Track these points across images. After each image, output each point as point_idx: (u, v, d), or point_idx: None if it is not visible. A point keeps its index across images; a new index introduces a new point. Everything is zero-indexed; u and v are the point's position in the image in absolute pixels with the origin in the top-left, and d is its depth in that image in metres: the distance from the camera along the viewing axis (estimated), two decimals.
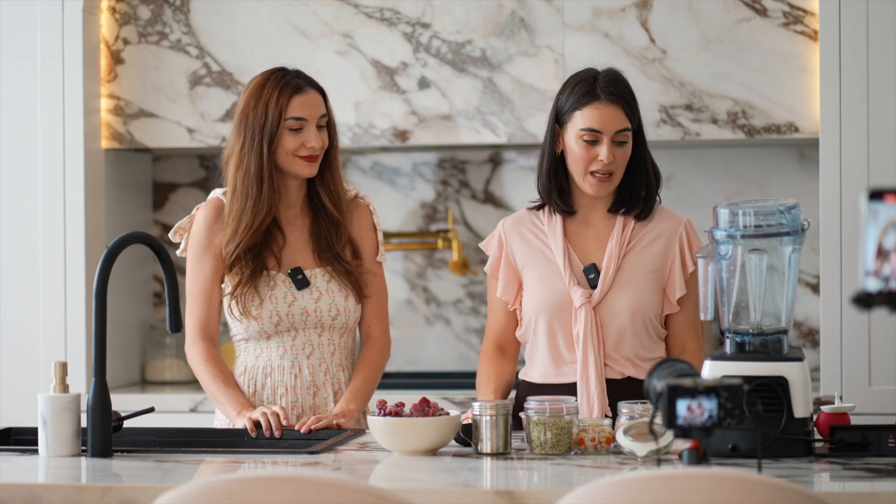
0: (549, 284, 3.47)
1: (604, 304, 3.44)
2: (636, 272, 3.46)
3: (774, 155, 4.96)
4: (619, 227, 3.48)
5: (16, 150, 4.76)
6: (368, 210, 3.65)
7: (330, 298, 3.54)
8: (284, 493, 2.30)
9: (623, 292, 3.44)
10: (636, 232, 3.49)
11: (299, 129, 3.50)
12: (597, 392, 3.39)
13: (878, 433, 2.97)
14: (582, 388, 3.42)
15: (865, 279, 2.35)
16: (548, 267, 3.49)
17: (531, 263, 3.51)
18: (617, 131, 3.41)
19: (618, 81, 3.44)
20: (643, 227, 3.50)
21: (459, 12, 4.73)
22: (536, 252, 3.51)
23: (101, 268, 3.13)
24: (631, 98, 3.45)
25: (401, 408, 3.06)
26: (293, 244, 3.58)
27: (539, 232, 3.53)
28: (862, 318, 4.39)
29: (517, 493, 2.61)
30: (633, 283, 3.44)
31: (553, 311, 3.45)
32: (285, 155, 3.50)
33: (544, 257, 3.50)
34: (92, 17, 4.81)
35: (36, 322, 4.73)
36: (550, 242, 3.50)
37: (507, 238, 3.55)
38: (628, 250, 3.48)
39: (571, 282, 3.45)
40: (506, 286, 3.54)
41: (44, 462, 3.02)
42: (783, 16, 4.58)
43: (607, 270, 3.45)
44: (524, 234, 3.54)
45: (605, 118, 3.41)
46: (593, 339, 3.41)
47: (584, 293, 3.43)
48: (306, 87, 3.53)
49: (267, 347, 3.55)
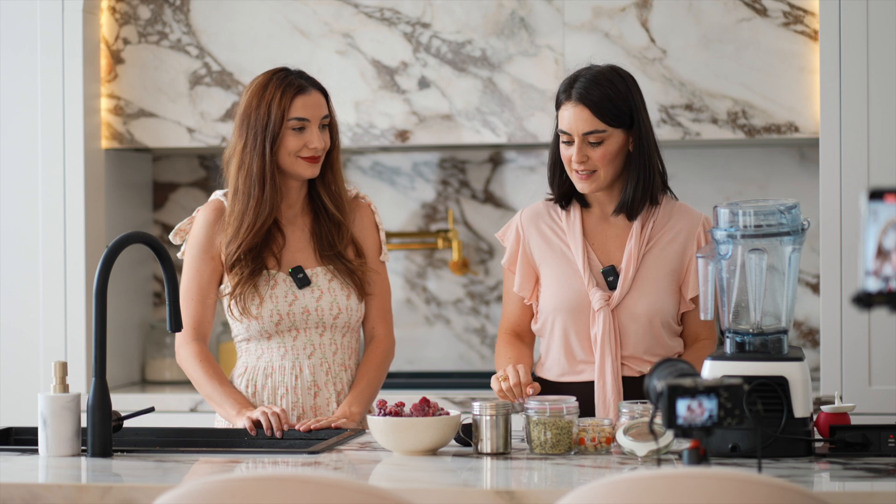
0: (568, 284, 3.44)
1: (622, 306, 3.41)
2: (655, 273, 3.42)
3: (774, 155, 4.96)
4: (638, 227, 3.44)
5: (16, 150, 4.76)
6: (370, 209, 3.65)
7: (331, 297, 3.54)
8: (284, 493, 2.30)
9: (642, 295, 3.41)
10: (655, 231, 3.45)
11: (302, 129, 3.50)
12: (613, 394, 3.38)
13: (878, 433, 2.97)
14: (599, 389, 3.40)
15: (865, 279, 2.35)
16: (567, 266, 3.46)
17: (549, 261, 3.48)
18: (584, 133, 3.37)
19: (596, 82, 3.37)
20: (662, 225, 3.46)
21: (459, 12, 4.73)
22: (555, 249, 3.48)
23: (101, 268, 3.13)
24: (605, 99, 3.36)
25: (401, 408, 3.06)
26: (294, 244, 3.57)
27: (556, 227, 3.50)
28: (862, 318, 4.39)
29: (517, 493, 2.61)
30: (651, 285, 3.42)
31: (570, 312, 3.43)
32: (288, 156, 3.50)
33: (563, 255, 3.47)
34: (92, 17, 4.81)
35: (36, 322, 4.73)
36: (569, 241, 3.47)
37: (524, 232, 3.52)
38: (647, 250, 3.44)
39: (590, 283, 3.42)
40: (523, 282, 3.51)
41: (44, 462, 3.02)
42: (783, 16, 4.58)
43: (626, 273, 3.41)
44: (542, 229, 3.51)
45: (573, 121, 3.38)
46: (611, 342, 3.40)
47: (602, 296, 3.40)
48: (309, 88, 3.52)
49: (268, 348, 3.54)
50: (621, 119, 3.38)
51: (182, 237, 3.62)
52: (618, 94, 3.38)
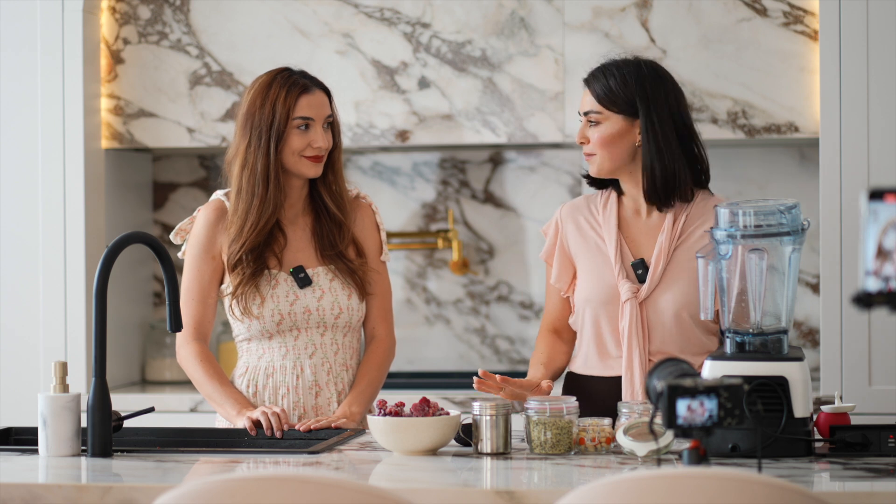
0: (600, 276, 3.45)
1: (650, 300, 3.41)
2: (685, 267, 3.41)
3: (774, 155, 4.96)
4: (670, 220, 3.45)
5: (16, 150, 4.76)
6: (371, 209, 3.65)
7: (332, 297, 3.54)
8: (284, 493, 2.30)
9: (670, 289, 3.41)
10: (687, 225, 3.45)
11: (306, 128, 3.50)
12: (641, 388, 3.38)
13: (878, 433, 2.97)
14: (626, 383, 3.40)
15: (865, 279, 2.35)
16: (600, 258, 3.47)
17: (584, 253, 3.50)
18: (584, 112, 3.46)
19: (604, 68, 3.45)
20: (694, 220, 3.45)
21: (459, 12, 4.73)
22: (590, 242, 3.49)
23: (101, 268, 3.13)
24: (604, 83, 3.42)
25: (401, 408, 3.06)
26: (295, 244, 3.57)
27: (594, 221, 3.51)
28: (862, 318, 4.39)
29: (517, 493, 2.61)
30: (681, 279, 3.41)
31: (601, 304, 3.44)
32: (292, 155, 3.50)
33: (597, 248, 3.48)
34: (92, 17, 4.81)
35: (36, 322, 4.73)
36: (604, 233, 3.48)
37: (563, 225, 3.54)
38: (679, 244, 3.44)
39: (621, 275, 3.43)
40: (559, 273, 3.53)
41: (44, 462, 3.02)
42: (783, 16, 4.58)
43: (656, 266, 3.42)
44: (579, 222, 3.52)
45: (582, 101, 3.49)
46: (638, 335, 3.40)
47: (630, 287, 3.40)
48: (313, 87, 3.53)
49: (269, 347, 3.54)
50: (619, 105, 3.41)
51: (183, 237, 3.62)
52: (622, 81, 3.42)
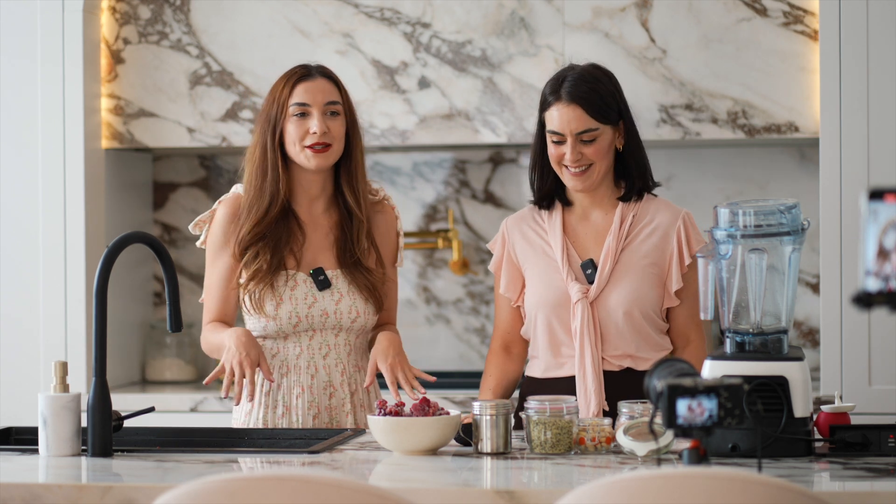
0: (549, 280, 3.48)
1: (600, 299, 3.45)
2: (634, 267, 3.47)
3: (774, 155, 4.96)
4: (617, 222, 3.49)
5: (16, 150, 4.76)
6: (394, 215, 3.62)
7: (351, 300, 3.52)
8: (284, 492, 2.30)
9: (619, 288, 3.45)
10: (634, 225, 3.50)
11: (304, 115, 3.48)
12: (594, 387, 3.41)
13: (878, 433, 2.97)
14: (580, 382, 3.43)
15: (865, 279, 2.35)
16: (547, 263, 3.50)
17: (531, 261, 3.53)
18: (578, 132, 3.42)
19: (583, 80, 3.43)
20: (641, 220, 3.51)
21: (459, 12, 4.73)
22: (537, 249, 3.53)
23: (101, 268, 3.13)
24: (597, 97, 3.42)
25: (401, 408, 3.06)
26: (315, 243, 3.55)
27: (540, 229, 3.55)
28: (862, 318, 4.39)
29: (517, 493, 2.61)
30: (630, 278, 3.45)
31: (552, 307, 3.47)
32: (293, 145, 3.47)
33: (544, 254, 3.52)
34: (92, 17, 4.81)
35: (36, 321, 4.73)
36: (550, 239, 3.52)
37: (508, 235, 3.58)
38: (626, 245, 3.49)
39: (569, 277, 3.46)
40: (508, 282, 3.56)
41: (44, 462, 3.02)
42: (783, 15, 4.58)
43: (604, 266, 3.46)
44: (525, 232, 3.56)
45: (565, 120, 3.42)
46: (590, 335, 3.43)
47: (580, 289, 3.44)
48: (314, 74, 3.50)
49: (284, 347, 3.53)
50: (610, 116, 3.45)
51: (202, 227, 3.61)
52: (606, 91, 3.46)
